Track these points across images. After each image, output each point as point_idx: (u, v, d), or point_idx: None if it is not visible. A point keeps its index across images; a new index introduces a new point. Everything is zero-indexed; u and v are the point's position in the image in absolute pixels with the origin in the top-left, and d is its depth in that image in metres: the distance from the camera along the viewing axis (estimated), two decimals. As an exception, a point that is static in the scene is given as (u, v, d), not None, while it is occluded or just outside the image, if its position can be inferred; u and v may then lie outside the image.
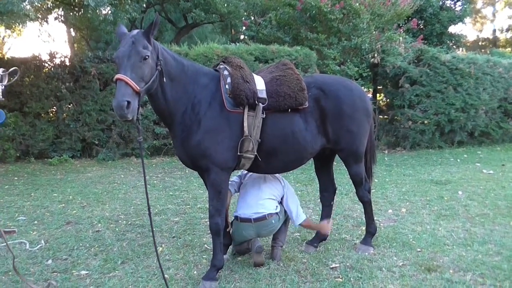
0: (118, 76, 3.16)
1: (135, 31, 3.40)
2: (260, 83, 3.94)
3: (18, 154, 10.97)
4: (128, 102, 3.08)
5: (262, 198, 4.28)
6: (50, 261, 4.41)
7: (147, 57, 3.27)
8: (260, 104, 3.81)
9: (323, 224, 4.64)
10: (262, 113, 3.82)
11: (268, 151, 3.93)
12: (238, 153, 3.78)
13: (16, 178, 8.96)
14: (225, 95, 3.79)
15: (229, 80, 3.82)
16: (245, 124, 3.75)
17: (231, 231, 4.41)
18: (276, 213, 4.26)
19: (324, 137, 4.16)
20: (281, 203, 4.42)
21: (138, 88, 3.17)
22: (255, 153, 3.83)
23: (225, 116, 3.76)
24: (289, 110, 3.95)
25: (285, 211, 4.43)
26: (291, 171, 6.34)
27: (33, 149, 10.97)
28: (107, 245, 4.87)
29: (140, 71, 3.24)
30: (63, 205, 6.73)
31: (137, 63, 3.23)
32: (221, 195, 3.81)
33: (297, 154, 4.07)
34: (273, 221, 4.22)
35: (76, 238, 5.13)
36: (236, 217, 4.30)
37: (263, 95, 3.87)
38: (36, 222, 5.83)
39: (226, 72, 3.89)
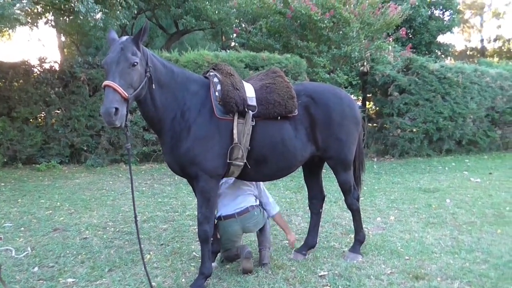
0: (106, 82, 3.17)
1: (124, 38, 3.41)
2: (250, 91, 3.95)
3: (5, 160, 10.84)
4: (116, 109, 3.09)
5: (240, 195, 4.38)
6: (36, 269, 4.36)
7: (135, 63, 3.28)
8: (250, 111, 3.82)
9: (291, 233, 4.76)
10: (252, 120, 3.83)
11: (258, 159, 3.93)
12: (228, 161, 3.78)
13: (3, 184, 8.85)
14: (215, 102, 3.79)
15: (219, 87, 3.82)
16: (235, 131, 3.75)
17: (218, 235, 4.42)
18: (257, 205, 4.38)
19: (314, 144, 4.18)
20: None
21: (127, 95, 3.17)
22: (245, 161, 3.83)
23: (214, 123, 3.76)
24: (279, 117, 3.96)
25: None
26: (280, 179, 6.35)
27: (21, 154, 10.85)
28: (94, 253, 4.82)
29: (128, 77, 3.24)
30: (51, 211, 6.66)
31: (125, 70, 3.23)
32: (210, 202, 3.80)
33: (286, 161, 4.08)
34: (255, 213, 4.30)
35: (63, 245, 5.08)
36: (219, 217, 4.33)
37: (253, 102, 3.88)
38: (22, 228, 5.76)
39: (216, 79, 3.90)
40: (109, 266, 4.42)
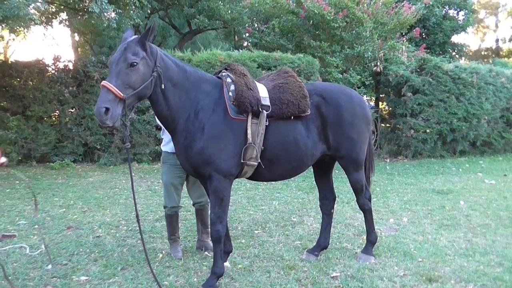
0: (102, 82, 3.27)
1: (131, 38, 3.45)
2: (263, 91, 3.95)
3: (20, 158, 10.98)
4: (107, 109, 3.17)
5: None
6: (50, 266, 4.40)
7: (134, 63, 3.31)
8: (264, 111, 3.82)
9: None
10: (266, 120, 3.83)
11: (271, 159, 3.93)
12: (242, 161, 3.78)
13: (17, 182, 8.96)
14: (228, 102, 3.80)
15: (232, 87, 3.83)
16: (249, 131, 3.75)
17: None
18: None
19: (325, 144, 4.18)
20: None
21: (122, 95, 3.22)
22: (259, 161, 3.83)
23: (228, 123, 3.77)
24: (292, 117, 3.96)
25: None
26: (292, 179, 6.35)
27: (35, 153, 10.99)
28: (107, 251, 4.86)
29: (126, 77, 3.29)
30: (64, 209, 6.72)
31: (123, 70, 3.29)
32: (223, 202, 3.80)
33: (298, 161, 4.07)
34: None
35: (77, 243, 5.12)
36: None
37: (267, 102, 3.88)
38: (36, 226, 5.82)
39: (229, 80, 3.90)
40: (122, 264, 4.45)
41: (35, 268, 4.37)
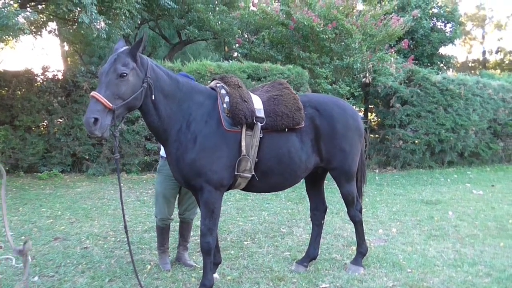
0: (91, 93, 3.27)
1: (122, 48, 3.46)
2: (257, 102, 3.96)
3: (7, 168, 10.81)
4: (96, 119, 3.18)
5: None
6: (36, 278, 4.35)
7: (124, 74, 3.32)
8: (258, 123, 3.83)
9: None
10: (260, 132, 3.83)
11: (265, 171, 3.93)
12: (235, 173, 3.78)
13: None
14: (222, 114, 3.80)
15: (227, 99, 3.83)
16: (243, 143, 3.76)
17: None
18: None
19: (318, 155, 4.19)
20: None
21: (111, 106, 3.23)
22: (253, 173, 3.83)
23: (221, 134, 3.76)
24: (286, 129, 3.97)
25: None
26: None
27: (23, 163, 10.85)
28: (95, 262, 4.80)
29: (116, 88, 3.30)
30: (51, 220, 6.64)
31: (113, 81, 3.30)
32: (213, 214, 3.79)
33: (292, 173, 4.08)
34: None
35: (64, 254, 5.06)
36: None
37: (261, 114, 3.89)
38: (23, 237, 5.74)
39: (223, 91, 3.91)
40: (110, 276, 4.40)
41: (21, 280, 4.29)
